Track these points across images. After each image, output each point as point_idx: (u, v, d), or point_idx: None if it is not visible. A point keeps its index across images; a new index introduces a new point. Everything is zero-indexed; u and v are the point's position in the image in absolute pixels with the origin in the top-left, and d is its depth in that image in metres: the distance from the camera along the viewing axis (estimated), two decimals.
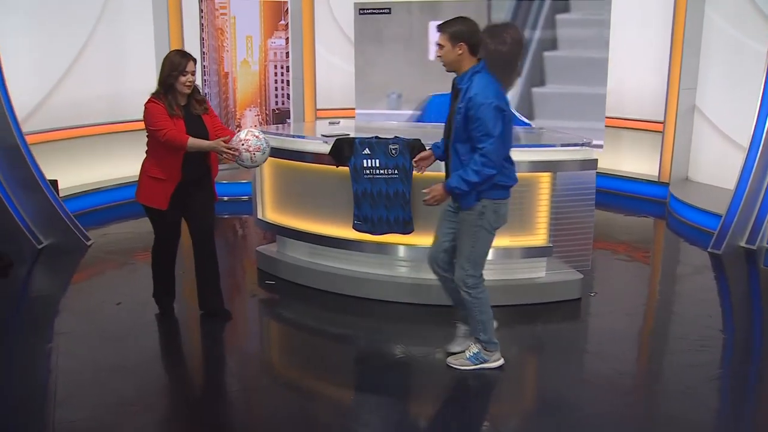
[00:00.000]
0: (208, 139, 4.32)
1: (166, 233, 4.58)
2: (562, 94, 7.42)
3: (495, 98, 3.57)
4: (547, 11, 7.24)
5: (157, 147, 4.28)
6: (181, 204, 4.43)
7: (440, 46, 3.67)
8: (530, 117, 7.46)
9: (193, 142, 4.23)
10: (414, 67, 7.62)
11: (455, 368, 3.94)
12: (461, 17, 3.70)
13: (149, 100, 4.31)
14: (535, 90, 7.48)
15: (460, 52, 3.62)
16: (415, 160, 4.11)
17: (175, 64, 4.25)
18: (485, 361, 3.93)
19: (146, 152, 4.41)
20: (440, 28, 3.68)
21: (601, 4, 7.14)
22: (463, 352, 3.99)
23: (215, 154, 4.39)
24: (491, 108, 3.53)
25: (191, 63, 4.27)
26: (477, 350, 3.94)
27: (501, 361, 3.96)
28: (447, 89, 3.88)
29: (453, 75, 3.79)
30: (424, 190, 3.84)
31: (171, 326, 4.68)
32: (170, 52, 4.39)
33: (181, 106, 4.32)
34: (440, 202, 3.82)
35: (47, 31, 7.12)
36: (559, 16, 7.26)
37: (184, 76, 4.25)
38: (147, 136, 4.35)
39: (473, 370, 3.92)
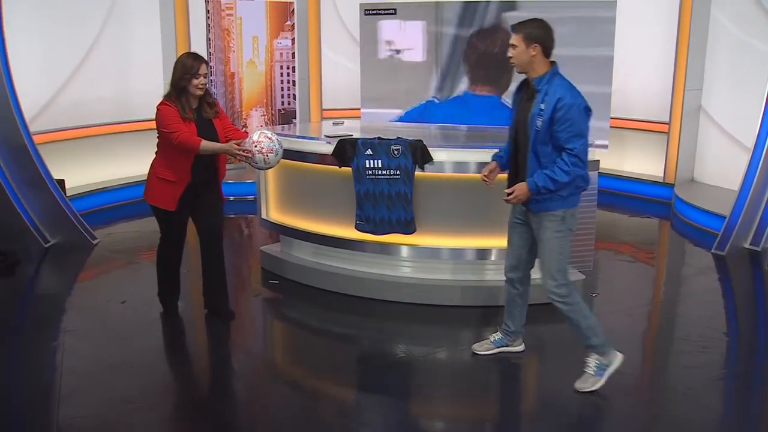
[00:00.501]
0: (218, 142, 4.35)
1: (172, 233, 4.60)
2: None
3: (582, 99, 3.58)
4: (495, 11, 7.17)
5: (168, 149, 4.29)
6: (189, 205, 4.45)
7: (513, 46, 3.63)
8: None
9: (206, 144, 4.23)
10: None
11: (588, 391, 3.72)
12: (536, 19, 3.65)
13: (162, 102, 4.30)
14: None
15: (533, 53, 3.59)
16: (485, 174, 3.93)
17: (187, 67, 4.23)
18: (609, 366, 3.77)
19: (156, 153, 4.42)
20: (515, 28, 3.64)
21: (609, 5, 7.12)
22: (585, 372, 3.77)
23: (224, 156, 4.42)
24: (581, 108, 3.55)
25: (203, 66, 4.26)
26: (597, 362, 3.76)
27: (621, 355, 3.79)
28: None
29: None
30: (506, 190, 3.75)
31: (175, 325, 4.72)
32: (182, 55, 4.39)
33: (192, 110, 4.32)
34: (522, 201, 3.73)
35: (55, 32, 7.18)
36: (506, 14, 7.19)
37: (197, 78, 4.24)
38: (157, 137, 4.36)
39: (605, 382, 3.74)
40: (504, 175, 3.93)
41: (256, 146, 4.17)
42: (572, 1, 6.89)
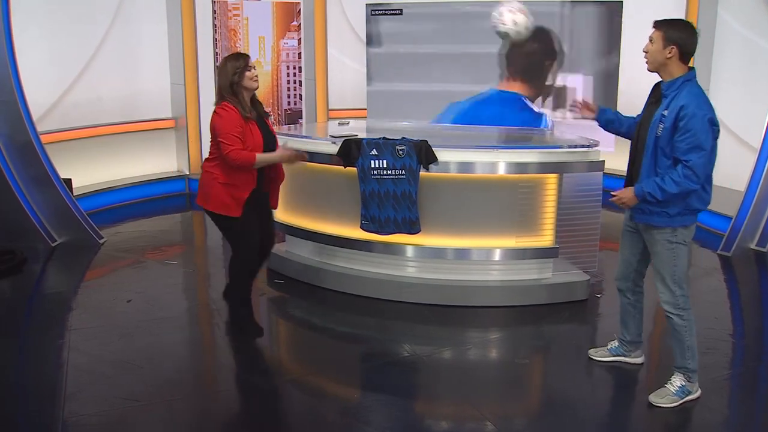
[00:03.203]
0: (275, 143, 4.27)
1: (251, 239, 4.27)
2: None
3: (709, 110, 3.37)
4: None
5: None
6: (252, 209, 4.23)
7: (651, 40, 3.49)
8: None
9: (260, 158, 4.09)
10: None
11: (661, 407, 3.60)
12: (684, 21, 3.50)
13: (220, 105, 4.09)
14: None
15: (669, 55, 3.42)
16: (581, 102, 3.82)
17: (236, 64, 4.10)
18: (690, 393, 3.64)
19: (212, 157, 4.18)
20: (657, 24, 3.49)
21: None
22: (665, 387, 3.67)
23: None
24: (705, 120, 3.33)
25: (250, 60, 4.15)
26: (683, 383, 3.64)
27: (699, 392, 3.67)
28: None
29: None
30: (613, 192, 3.58)
31: (180, 324, 4.73)
32: (224, 59, 4.19)
33: (251, 109, 4.18)
34: (627, 205, 3.59)
35: (62, 33, 7.22)
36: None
37: (249, 71, 4.11)
38: (211, 141, 4.17)
39: (679, 406, 3.61)
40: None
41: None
42: (580, 2, 6.91)
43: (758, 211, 6.01)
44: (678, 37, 3.41)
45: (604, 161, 4.81)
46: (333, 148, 4.84)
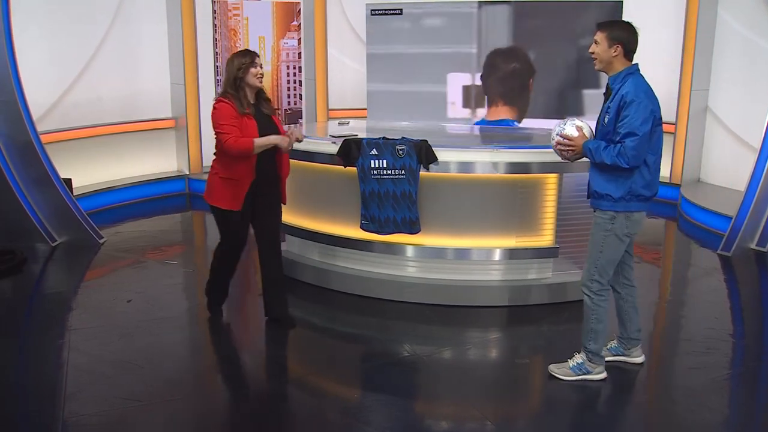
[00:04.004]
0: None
1: (232, 237, 4.43)
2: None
3: (647, 98, 3.55)
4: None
5: None
6: (250, 205, 4.32)
7: (596, 42, 3.67)
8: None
9: (259, 141, 4.14)
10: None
11: (557, 378, 3.86)
12: (623, 21, 3.72)
13: (217, 100, 4.22)
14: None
15: (615, 53, 3.62)
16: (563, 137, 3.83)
17: (242, 60, 4.19)
18: (588, 373, 3.84)
19: (215, 152, 4.31)
20: (600, 26, 3.69)
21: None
22: (566, 361, 3.90)
23: (286, 155, 4.36)
24: (641, 107, 3.52)
25: (258, 57, 4.23)
26: (581, 360, 3.85)
27: (604, 374, 3.86)
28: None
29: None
30: (566, 134, 3.73)
31: (180, 324, 4.74)
32: (232, 55, 4.28)
33: (251, 105, 4.26)
34: (573, 153, 3.74)
35: (62, 33, 7.22)
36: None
37: (254, 68, 4.19)
38: (215, 137, 4.24)
39: (574, 381, 3.83)
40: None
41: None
42: (579, 2, 6.91)
43: (758, 211, 6.01)
44: (621, 36, 3.63)
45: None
46: (333, 148, 4.84)
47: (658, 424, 3.58)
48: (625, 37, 3.63)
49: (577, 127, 3.78)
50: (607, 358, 4.07)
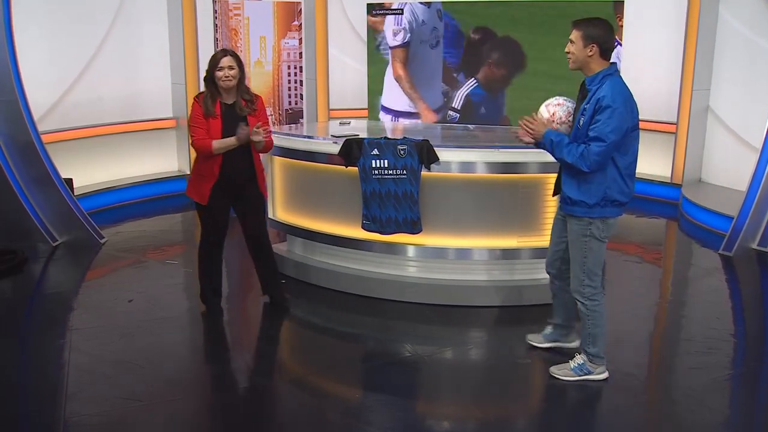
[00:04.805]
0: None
1: (211, 230, 4.62)
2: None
3: (623, 106, 3.48)
4: None
5: None
6: (230, 203, 4.55)
7: (571, 41, 3.60)
8: None
9: (218, 144, 4.31)
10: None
11: (558, 378, 3.86)
12: (599, 18, 3.59)
13: (195, 98, 4.45)
14: None
15: (590, 53, 3.54)
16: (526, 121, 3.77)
17: (213, 60, 4.35)
18: (590, 373, 3.84)
19: None
20: (575, 24, 3.60)
21: None
22: (567, 362, 3.90)
23: (258, 154, 4.49)
24: (615, 114, 3.44)
25: (227, 58, 4.32)
26: (582, 361, 3.85)
27: (606, 374, 3.84)
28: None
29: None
30: (527, 118, 3.70)
31: (181, 323, 4.74)
32: (216, 51, 4.52)
33: (223, 107, 4.38)
34: (532, 136, 3.70)
35: (63, 33, 7.22)
36: None
37: (220, 71, 4.31)
38: None
39: (576, 381, 3.83)
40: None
41: (554, 122, 3.73)
42: (579, 2, 6.89)
43: (760, 211, 6.00)
44: (597, 35, 3.53)
45: None
46: (334, 148, 4.84)
47: (658, 425, 3.57)
48: (601, 36, 3.53)
49: (551, 114, 3.70)
50: (543, 345, 4.17)
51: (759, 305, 5.28)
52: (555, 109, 3.72)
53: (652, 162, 8.06)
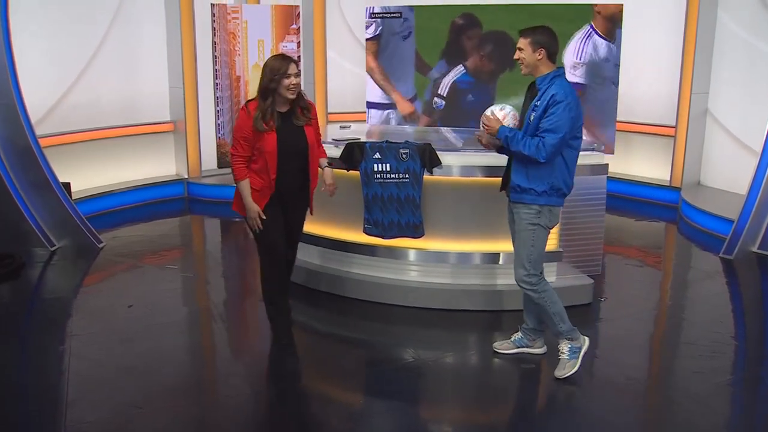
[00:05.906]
0: (307, 152, 4.13)
1: (267, 249, 4.25)
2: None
3: (574, 101, 3.75)
4: None
5: (256, 157, 4.06)
6: (281, 217, 4.21)
7: (520, 49, 3.84)
8: None
9: (242, 186, 4.06)
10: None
11: (568, 375, 3.90)
12: (544, 26, 3.87)
13: (243, 105, 4.05)
14: None
15: (539, 57, 3.79)
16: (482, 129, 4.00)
17: (275, 68, 3.94)
18: (580, 349, 3.95)
19: None
20: (522, 33, 3.85)
21: None
22: (560, 359, 3.96)
23: (315, 165, 4.22)
24: (569, 108, 3.70)
25: (293, 65, 3.98)
26: (568, 346, 3.95)
27: (587, 340, 4.00)
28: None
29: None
30: (485, 114, 3.92)
31: (180, 328, 4.71)
32: (269, 58, 4.04)
33: (277, 116, 4.01)
34: (488, 131, 3.90)
35: (61, 35, 7.18)
36: None
37: (287, 78, 3.94)
38: None
39: (579, 363, 3.92)
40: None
41: (505, 121, 3.92)
42: (580, 5, 6.90)
43: (760, 214, 6.00)
44: (543, 40, 3.80)
45: (607, 164, 4.80)
46: (335, 152, 4.82)
47: (661, 428, 3.56)
48: (547, 41, 3.80)
49: (503, 116, 3.93)
50: (510, 351, 4.20)
51: (760, 309, 5.28)
52: (504, 113, 3.97)
53: (651, 165, 8.06)
